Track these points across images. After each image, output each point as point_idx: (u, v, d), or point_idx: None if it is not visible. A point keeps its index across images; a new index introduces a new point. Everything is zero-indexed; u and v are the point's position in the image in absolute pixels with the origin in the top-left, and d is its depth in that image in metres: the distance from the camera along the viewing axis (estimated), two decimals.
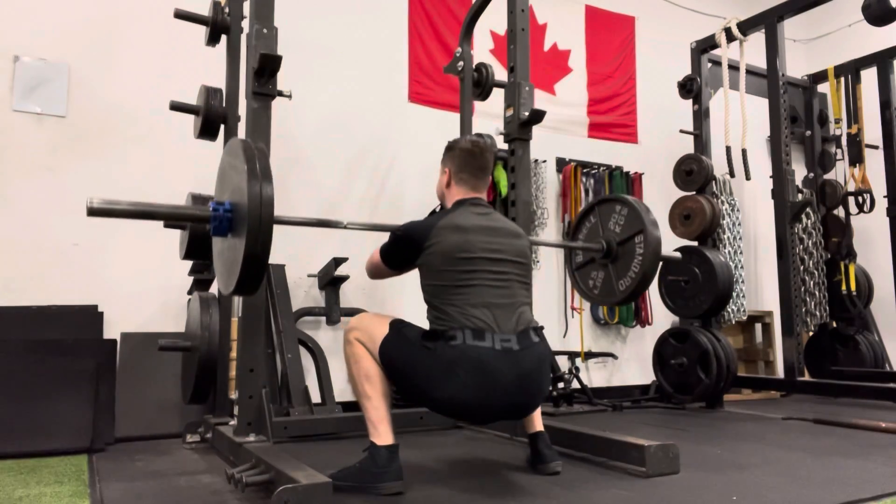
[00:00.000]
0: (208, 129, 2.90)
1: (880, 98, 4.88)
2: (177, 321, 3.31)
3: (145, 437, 3.00)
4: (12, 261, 3.08)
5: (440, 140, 3.89)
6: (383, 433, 2.03)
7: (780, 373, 4.61)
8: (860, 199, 4.89)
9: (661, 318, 4.73)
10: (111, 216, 1.74)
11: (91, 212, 1.68)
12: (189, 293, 3.05)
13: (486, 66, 3.50)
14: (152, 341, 2.86)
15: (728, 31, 4.38)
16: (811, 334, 4.83)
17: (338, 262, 3.51)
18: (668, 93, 4.72)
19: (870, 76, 4.92)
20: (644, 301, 4.69)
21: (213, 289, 2.96)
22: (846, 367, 4.71)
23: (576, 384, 4.10)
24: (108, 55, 3.39)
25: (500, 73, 3.51)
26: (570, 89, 4.84)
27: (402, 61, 4.24)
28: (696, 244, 4.24)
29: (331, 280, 3.58)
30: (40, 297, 3.08)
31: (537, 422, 2.34)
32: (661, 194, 4.76)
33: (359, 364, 2.10)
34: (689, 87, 4.55)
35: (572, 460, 2.45)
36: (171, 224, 2.71)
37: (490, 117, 3.87)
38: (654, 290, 4.34)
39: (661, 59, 5.12)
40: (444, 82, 4.26)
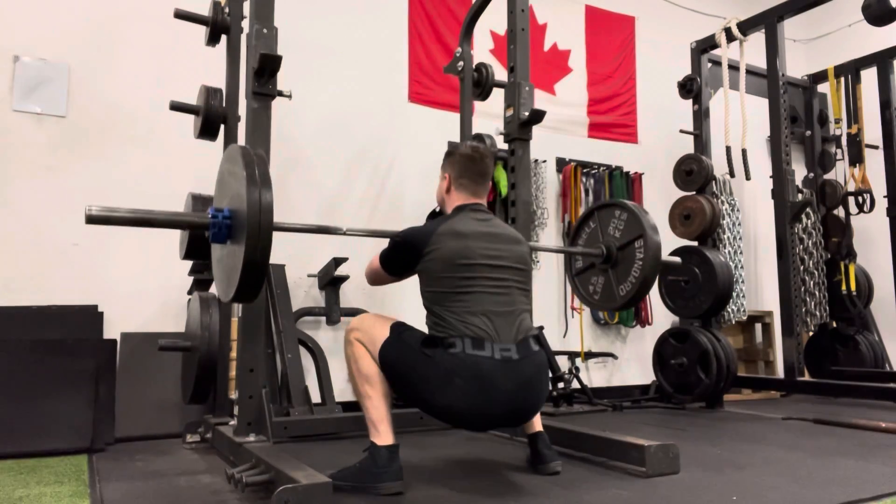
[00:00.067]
0: (208, 129, 2.91)
1: (880, 98, 4.88)
2: (177, 321, 3.31)
3: (145, 437, 3.00)
4: (12, 261, 3.09)
5: (440, 140, 3.95)
6: (383, 433, 2.03)
7: (780, 373, 4.61)
8: (860, 199, 4.89)
9: (661, 318, 4.73)
10: (110, 223, 1.74)
11: (90, 219, 1.68)
12: (189, 293, 3.05)
13: (486, 66, 3.50)
14: (152, 341, 2.87)
15: (728, 31, 4.38)
16: (811, 334, 4.83)
17: (338, 262, 3.52)
18: (668, 93, 4.72)
19: (870, 76, 4.92)
20: (644, 301, 4.68)
21: (213, 289, 2.95)
22: (846, 367, 4.71)
23: (576, 384, 4.10)
24: (108, 55, 3.39)
25: (500, 73, 3.51)
26: (570, 89, 4.84)
27: (402, 61, 4.24)
28: (696, 244, 4.24)
29: (331, 280, 3.58)
30: (40, 297, 3.09)
31: (537, 422, 2.34)
32: (661, 194, 4.75)
33: (359, 364, 2.10)
34: (689, 87, 4.55)
35: (572, 460, 2.45)
36: None
37: (490, 117, 3.87)
38: (654, 291, 4.32)
39: (661, 59, 5.12)
40: (444, 82, 4.26)
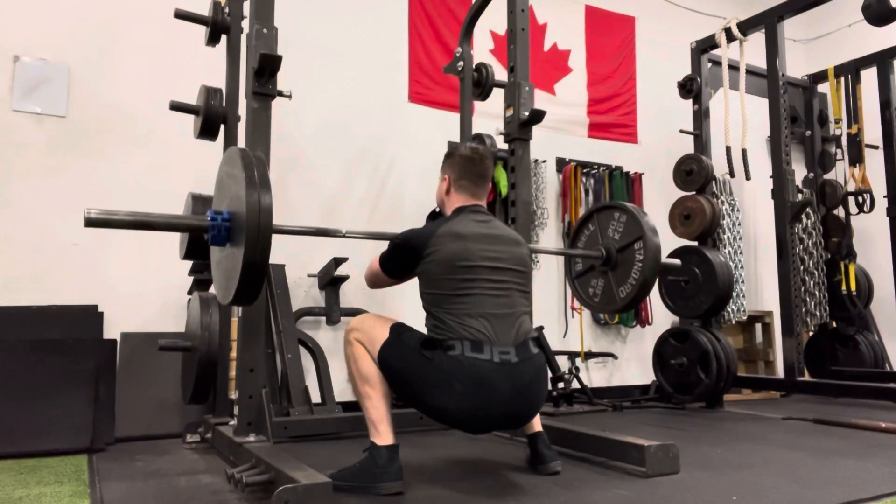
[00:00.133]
0: (208, 129, 2.91)
1: (880, 98, 4.88)
2: (177, 321, 3.31)
3: (145, 437, 3.00)
4: (12, 261, 3.09)
5: (440, 140, 3.94)
6: (383, 433, 2.03)
7: (780, 373, 4.61)
8: (860, 199, 4.89)
9: (661, 318, 4.73)
10: (109, 226, 1.74)
11: (88, 223, 1.68)
12: (189, 293, 3.05)
13: (486, 66, 3.50)
14: (152, 341, 2.86)
15: (728, 31, 4.38)
16: (811, 334, 4.83)
17: (338, 262, 3.52)
18: (668, 93, 4.72)
19: (870, 76, 4.92)
20: (644, 301, 4.68)
21: (213, 289, 2.95)
22: (846, 367, 4.71)
23: (576, 384, 4.10)
24: (108, 55, 3.39)
25: (500, 73, 3.51)
26: (570, 89, 4.84)
27: (402, 61, 4.24)
28: (696, 244, 4.24)
29: (331, 280, 3.58)
30: (40, 297, 3.09)
31: (536, 423, 2.34)
32: (661, 194, 4.75)
33: (359, 364, 2.10)
34: (689, 87, 4.55)
35: (572, 460, 2.45)
36: None
37: (490, 117, 3.88)
38: (654, 291, 4.32)
39: (661, 59, 5.11)
40: (444, 82, 4.26)
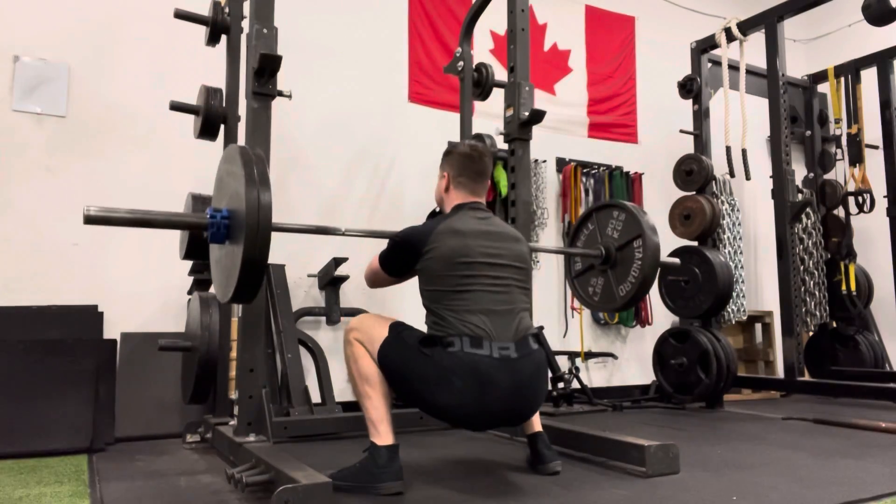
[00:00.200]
0: (208, 129, 2.91)
1: (880, 98, 4.88)
2: (177, 321, 3.31)
3: (145, 437, 3.00)
4: (12, 261, 3.09)
5: (440, 140, 3.94)
6: (383, 433, 2.03)
7: (780, 373, 4.61)
8: (860, 199, 4.89)
9: (661, 318, 4.73)
10: (108, 224, 1.74)
11: (88, 220, 1.67)
12: (189, 293, 3.05)
13: (486, 66, 3.50)
14: (152, 341, 2.86)
15: (728, 31, 4.38)
16: (811, 334, 4.83)
17: (338, 262, 3.52)
18: (668, 93, 4.72)
19: (870, 76, 4.92)
20: (644, 301, 4.68)
21: (213, 289, 2.96)
22: (846, 367, 4.71)
23: (576, 384, 4.10)
24: (108, 55, 3.39)
25: (500, 73, 3.51)
26: (570, 89, 4.84)
27: (402, 61, 4.24)
28: (696, 244, 4.24)
29: (331, 280, 3.58)
30: (40, 297, 3.09)
31: (536, 422, 2.34)
32: (661, 194, 4.75)
33: (359, 364, 2.10)
34: (689, 87, 4.55)
35: (572, 460, 2.45)
36: None
37: (490, 117, 3.88)
38: (654, 291, 4.33)
39: (661, 59, 5.11)
40: (444, 82, 4.26)
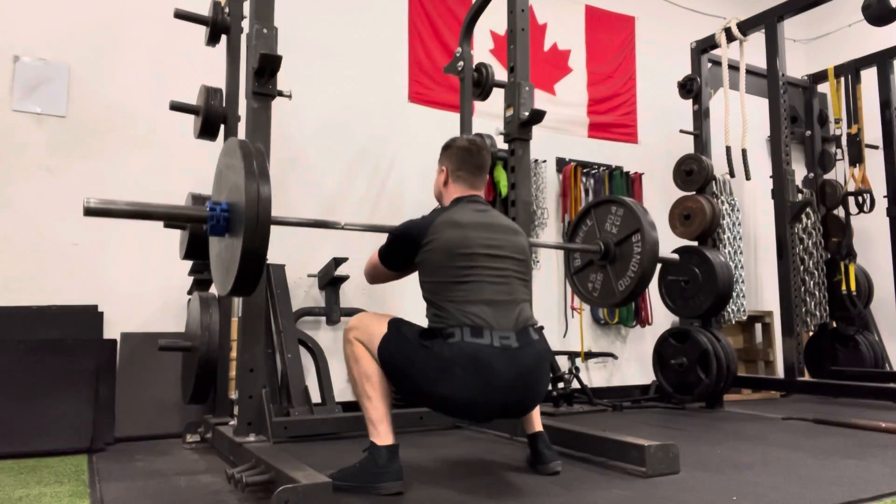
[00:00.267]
0: (208, 129, 2.91)
1: (880, 98, 4.88)
2: (177, 321, 3.31)
3: (145, 437, 3.00)
4: (12, 261, 3.08)
5: (440, 140, 3.87)
6: (383, 433, 2.03)
7: (780, 373, 4.61)
8: (860, 199, 4.89)
9: (661, 318, 4.73)
10: (108, 216, 1.74)
11: (88, 211, 1.67)
12: (189, 293, 3.05)
13: (486, 66, 3.50)
14: (152, 341, 2.87)
15: (728, 31, 4.38)
16: (811, 334, 4.83)
17: (338, 261, 3.52)
18: (668, 93, 4.72)
19: (870, 76, 4.92)
20: (644, 301, 4.69)
21: (213, 289, 2.96)
22: (846, 367, 4.71)
23: (576, 384, 4.10)
24: (108, 55, 3.39)
25: (500, 73, 3.51)
26: (570, 89, 4.84)
27: (402, 61, 4.24)
28: (696, 244, 4.24)
29: (331, 280, 3.58)
30: (40, 297, 3.09)
31: (536, 422, 2.34)
32: (661, 194, 4.76)
33: (358, 364, 2.10)
34: (689, 87, 4.55)
35: (572, 460, 2.45)
36: (171, 224, 2.72)
37: (490, 117, 3.88)
38: (654, 291, 4.34)
39: (661, 59, 5.11)
40: (444, 82, 4.26)
